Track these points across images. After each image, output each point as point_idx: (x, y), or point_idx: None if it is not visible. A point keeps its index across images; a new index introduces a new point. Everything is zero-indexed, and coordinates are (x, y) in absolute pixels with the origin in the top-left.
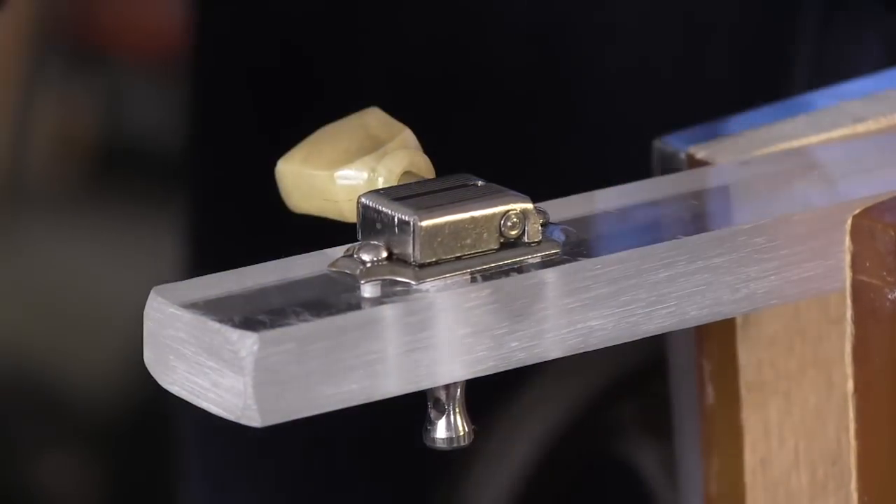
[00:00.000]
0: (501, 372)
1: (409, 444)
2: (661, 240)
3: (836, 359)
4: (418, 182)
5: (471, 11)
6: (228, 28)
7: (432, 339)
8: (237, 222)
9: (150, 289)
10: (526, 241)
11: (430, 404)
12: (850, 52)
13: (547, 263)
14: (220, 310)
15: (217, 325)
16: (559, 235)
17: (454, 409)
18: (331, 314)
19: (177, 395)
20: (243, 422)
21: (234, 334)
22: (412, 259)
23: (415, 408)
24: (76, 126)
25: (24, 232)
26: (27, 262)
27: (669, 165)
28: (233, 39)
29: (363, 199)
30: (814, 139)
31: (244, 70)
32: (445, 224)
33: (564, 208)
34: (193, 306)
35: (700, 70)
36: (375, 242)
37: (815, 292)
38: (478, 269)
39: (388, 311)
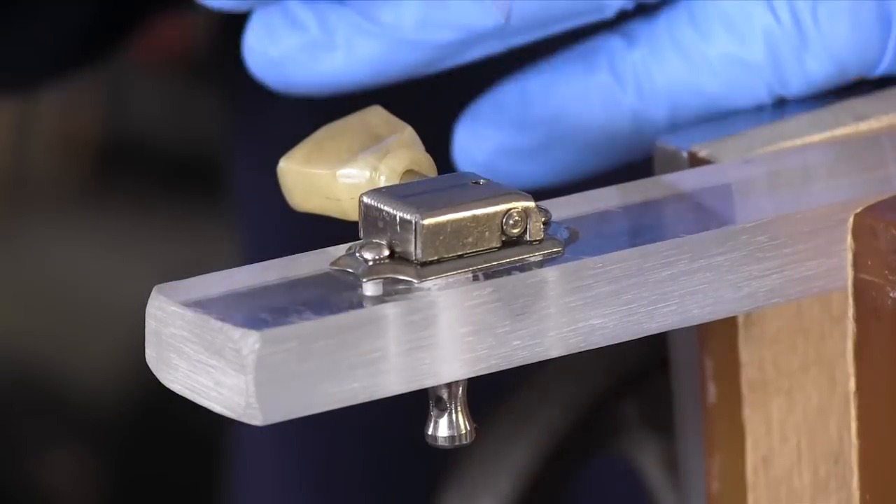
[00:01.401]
0: (502, 370)
1: (411, 442)
2: (663, 238)
3: (838, 357)
4: (420, 180)
5: None
6: (229, 28)
7: (434, 338)
8: (239, 221)
9: (152, 287)
10: (528, 239)
11: (431, 403)
12: None
13: (549, 262)
14: (221, 308)
15: (219, 324)
16: (561, 234)
17: (456, 408)
18: (333, 312)
19: (179, 393)
20: (245, 420)
21: (236, 332)
22: (414, 257)
23: (416, 406)
24: (78, 125)
25: (25, 231)
26: (28, 261)
27: (671, 164)
28: (232, 39)
29: (365, 198)
30: (816, 138)
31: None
32: (447, 222)
33: (566, 207)
34: (195, 304)
35: None
36: (377, 241)
37: (817, 291)
38: (480, 267)
39: (390, 309)
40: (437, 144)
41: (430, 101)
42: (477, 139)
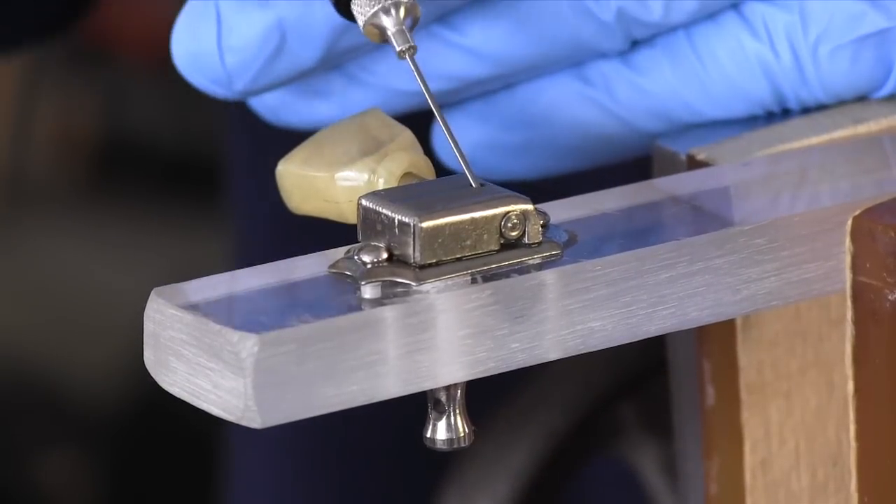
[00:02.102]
0: (501, 373)
1: (410, 445)
2: (662, 241)
3: (836, 360)
4: (419, 183)
5: None
6: None
7: (433, 341)
8: (256, 223)
9: (151, 289)
10: (526, 242)
11: (430, 405)
12: None
13: (547, 265)
14: (220, 311)
15: (217, 327)
16: (560, 237)
17: (454, 410)
18: (331, 315)
19: (177, 396)
20: (244, 423)
21: (235, 336)
22: (412, 260)
23: (415, 409)
24: (77, 126)
25: (24, 231)
26: (27, 262)
27: (669, 167)
28: None
29: (363, 201)
30: (814, 140)
31: None
32: (446, 225)
33: (565, 209)
34: (194, 307)
35: None
36: (376, 244)
37: (815, 293)
38: (478, 270)
39: (389, 312)
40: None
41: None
42: (461, 130)
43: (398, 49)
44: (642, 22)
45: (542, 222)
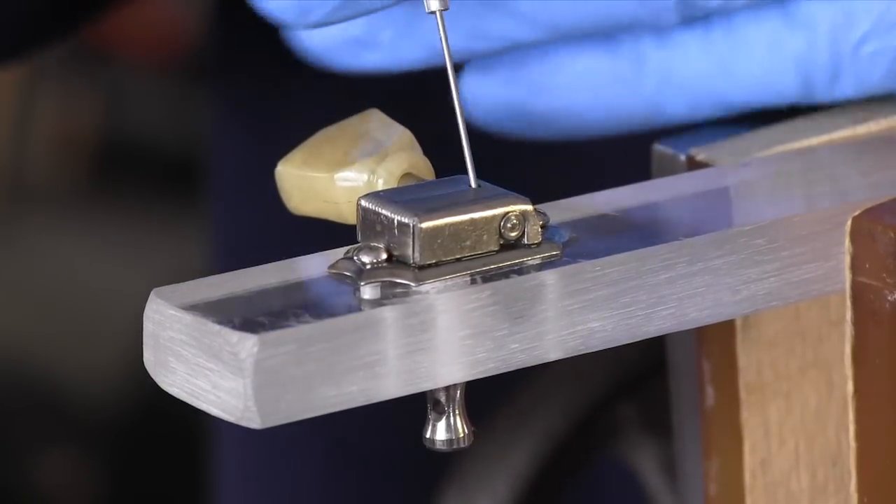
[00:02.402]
0: (501, 373)
1: (409, 445)
2: (661, 241)
3: (836, 360)
4: (418, 184)
5: None
6: (232, 28)
7: (432, 341)
8: (238, 223)
9: (150, 289)
10: (526, 242)
11: (429, 406)
12: None
13: (547, 265)
14: (220, 312)
15: (217, 327)
16: (559, 237)
17: (454, 411)
18: (330, 316)
19: (177, 396)
20: (243, 423)
21: (234, 336)
22: (412, 261)
23: (414, 409)
24: (77, 126)
25: (24, 231)
26: (27, 262)
27: (669, 167)
28: (235, 39)
29: (363, 201)
30: (814, 141)
31: (245, 70)
32: (445, 226)
33: (564, 210)
34: (193, 308)
35: None
36: (375, 244)
37: (815, 294)
38: (478, 270)
39: (388, 312)
40: (435, 147)
41: (429, 103)
42: (485, 90)
43: (430, 9)
44: (702, 7)
45: (541, 223)
